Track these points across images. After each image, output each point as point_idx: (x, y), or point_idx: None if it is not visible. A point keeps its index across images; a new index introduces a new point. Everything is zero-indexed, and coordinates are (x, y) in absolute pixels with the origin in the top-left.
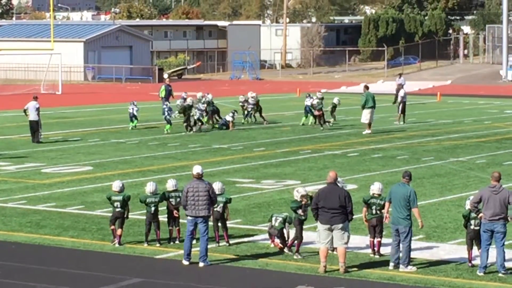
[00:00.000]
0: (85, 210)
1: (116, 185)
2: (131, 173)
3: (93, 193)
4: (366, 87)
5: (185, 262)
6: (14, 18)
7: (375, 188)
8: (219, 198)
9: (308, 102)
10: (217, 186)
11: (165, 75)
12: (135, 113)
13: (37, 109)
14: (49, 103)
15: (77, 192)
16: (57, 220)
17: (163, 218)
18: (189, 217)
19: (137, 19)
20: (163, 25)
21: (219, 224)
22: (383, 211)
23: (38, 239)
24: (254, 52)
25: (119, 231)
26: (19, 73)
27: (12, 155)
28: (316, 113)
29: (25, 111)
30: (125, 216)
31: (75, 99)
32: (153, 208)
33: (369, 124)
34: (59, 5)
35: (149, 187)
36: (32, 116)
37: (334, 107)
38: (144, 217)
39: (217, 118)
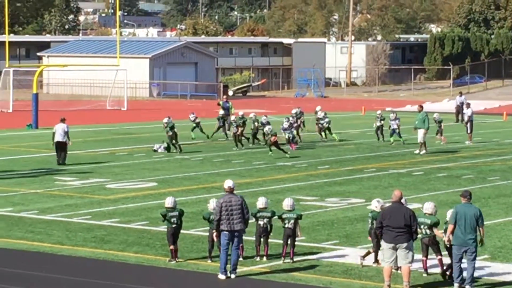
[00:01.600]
0: (149, 226)
1: (169, 201)
2: (195, 189)
3: (157, 209)
4: (421, 107)
5: (221, 277)
6: (80, 34)
7: (429, 207)
8: (290, 215)
9: (394, 125)
10: (288, 202)
11: (230, 92)
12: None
13: (66, 132)
14: (114, 119)
15: (141, 208)
16: (121, 236)
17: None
18: (224, 232)
19: (203, 36)
20: (228, 42)
21: (288, 241)
22: (437, 231)
23: (102, 254)
24: (319, 70)
25: (172, 247)
26: (85, 88)
27: (77, 170)
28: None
29: (53, 134)
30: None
31: (140, 115)
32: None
33: (423, 144)
34: (125, 21)
35: (212, 204)
36: (59, 137)
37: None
38: (207, 234)
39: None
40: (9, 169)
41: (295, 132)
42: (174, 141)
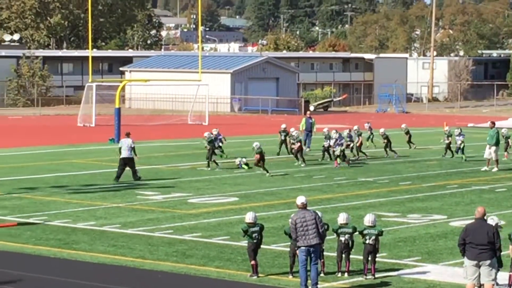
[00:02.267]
0: (230, 240)
1: (250, 216)
2: (276, 204)
3: (238, 224)
4: (493, 123)
5: None
6: (162, 49)
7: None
8: (372, 231)
9: (458, 141)
10: (370, 218)
11: (311, 108)
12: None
13: (132, 147)
14: (196, 134)
15: (222, 223)
16: (203, 250)
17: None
18: (302, 247)
19: (284, 51)
20: (309, 57)
21: (369, 257)
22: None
23: (184, 268)
24: (400, 85)
25: (253, 262)
26: (167, 103)
27: (159, 185)
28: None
29: (119, 149)
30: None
31: (221, 130)
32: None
33: (492, 160)
34: (207, 36)
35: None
36: (126, 153)
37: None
38: (288, 249)
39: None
40: (92, 183)
41: (343, 148)
42: (211, 156)
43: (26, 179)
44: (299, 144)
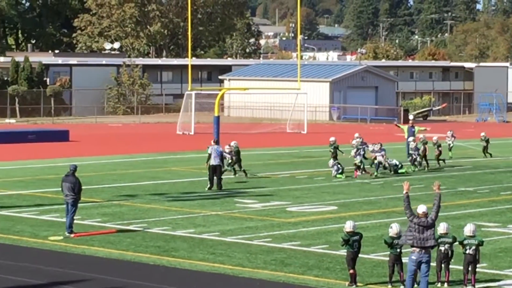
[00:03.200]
0: (329, 249)
1: (350, 225)
2: (375, 214)
3: (337, 232)
4: None
5: None
6: (261, 58)
7: None
8: (472, 241)
9: None
10: (470, 228)
11: (411, 116)
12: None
13: (221, 153)
14: (294, 142)
15: (321, 232)
16: (301, 259)
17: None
18: (412, 257)
19: (383, 60)
20: (409, 66)
21: (469, 267)
22: None
23: (282, 277)
24: (501, 95)
25: (352, 271)
26: (265, 112)
27: (258, 193)
28: None
29: (209, 156)
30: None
31: (320, 138)
32: (398, 250)
33: None
34: (305, 45)
35: (394, 229)
36: (215, 160)
37: None
38: (388, 259)
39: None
40: (191, 191)
41: (361, 159)
42: (235, 165)
43: (126, 186)
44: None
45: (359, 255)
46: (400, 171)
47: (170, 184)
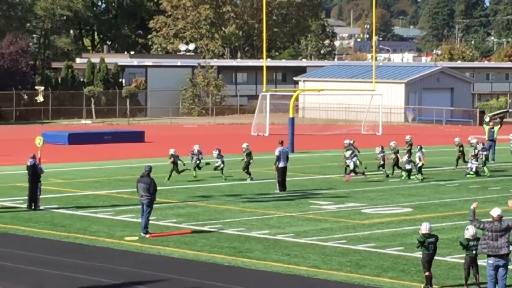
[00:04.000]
0: (404, 251)
1: (425, 227)
2: (450, 216)
3: (412, 234)
4: None
5: None
6: (336, 59)
7: None
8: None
9: None
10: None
11: (487, 118)
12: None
13: (287, 155)
14: (369, 143)
15: (396, 233)
16: (376, 261)
17: (482, 262)
18: (489, 261)
19: (459, 61)
20: (485, 68)
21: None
22: None
23: (357, 279)
24: None
25: (428, 273)
26: (340, 113)
27: (333, 195)
28: None
29: (277, 158)
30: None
31: (395, 140)
32: (474, 252)
33: None
34: (380, 46)
35: (470, 231)
36: (284, 162)
37: None
38: (463, 261)
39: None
40: (266, 192)
41: (356, 162)
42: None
43: (201, 187)
44: (393, 155)
45: (435, 257)
46: (412, 177)
47: (245, 185)
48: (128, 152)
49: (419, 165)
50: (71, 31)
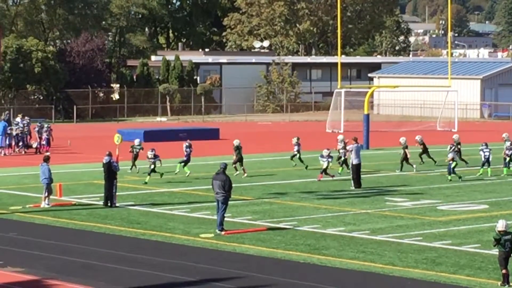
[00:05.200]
0: (481, 249)
1: (502, 224)
2: None
3: (488, 231)
4: None
5: None
6: (411, 55)
7: None
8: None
9: None
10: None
11: None
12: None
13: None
14: (445, 140)
15: (473, 230)
16: (453, 258)
17: None
18: None
19: None
20: None
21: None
22: None
23: (434, 276)
24: None
25: (504, 271)
26: (415, 109)
27: (408, 191)
28: None
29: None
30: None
31: (470, 136)
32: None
33: None
34: (456, 42)
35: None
36: (357, 160)
37: None
38: None
39: None
40: (341, 189)
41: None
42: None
43: (276, 184)
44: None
45: None
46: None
47: (320, 182)
48: (204, 149)
49: (452, 166)
50: (146, 29)
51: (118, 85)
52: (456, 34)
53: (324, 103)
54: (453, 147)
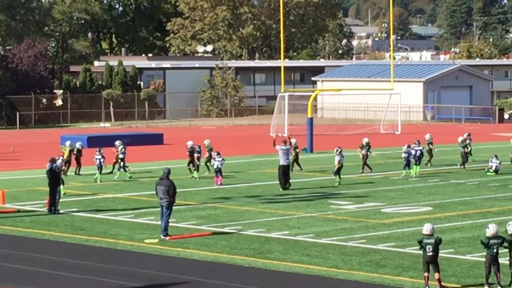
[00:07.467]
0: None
1: (427, 228)
2: (471, 214)
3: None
4: None
5: None
6: (354, 59)
7: None
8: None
9: None
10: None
11: (506, 116)
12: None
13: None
14: (388, 143)
15: (417, 233)
16: (396, 260)
17: (503, 260)
18: None
19: (477, 59)
20: (503, 65)
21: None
22: None
23: (378, 278)
24: None
25: (436, 275)
26: (359, 112)
27: (352, 194)
28: None
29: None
30: (437, 259)
31: (414, 138)
32: (495, 251)
33: None
34: (398, 45)
35: (491, 229)
36: (283, 161)
37: None
38: (484, 259)
39: None
40: (286, 193)
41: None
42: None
43: (220, 189)
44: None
45: (455, 256)
46: None
47: (264, 186)
48: (147, 154)
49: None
50: (89, 34)
51: (61, 91)
52: (399, 37)
53: (268, 107)
54: (416, 146)
